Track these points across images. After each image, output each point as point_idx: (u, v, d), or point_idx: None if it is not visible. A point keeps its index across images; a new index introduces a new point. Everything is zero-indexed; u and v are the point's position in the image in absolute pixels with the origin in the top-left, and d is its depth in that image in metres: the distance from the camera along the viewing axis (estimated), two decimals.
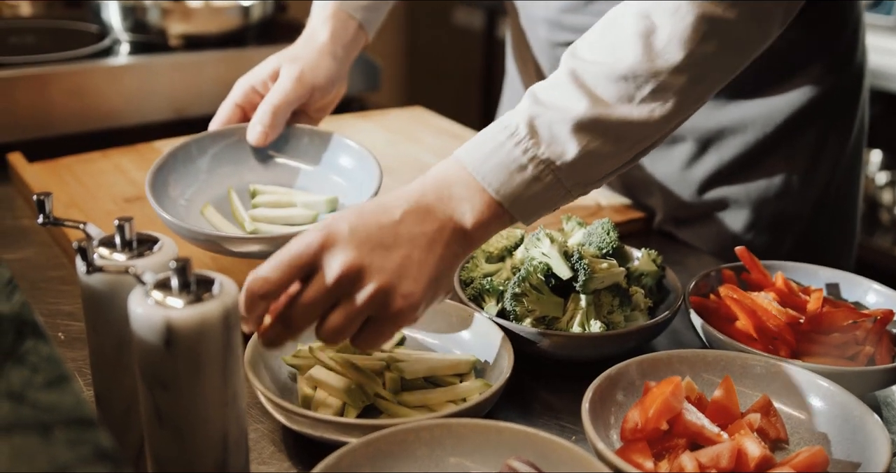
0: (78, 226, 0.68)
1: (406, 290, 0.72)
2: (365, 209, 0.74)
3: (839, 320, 0.85)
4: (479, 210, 0.75)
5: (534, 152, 0.75)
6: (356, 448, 0.66)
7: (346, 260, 0.71)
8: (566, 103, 0.76)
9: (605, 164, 0.78)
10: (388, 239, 0.73)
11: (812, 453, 0.70)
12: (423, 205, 0.75)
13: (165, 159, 0.97)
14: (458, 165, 0.77)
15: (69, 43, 1.49)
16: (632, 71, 0.76)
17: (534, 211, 0.77)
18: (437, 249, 0.74)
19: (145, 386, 0.61)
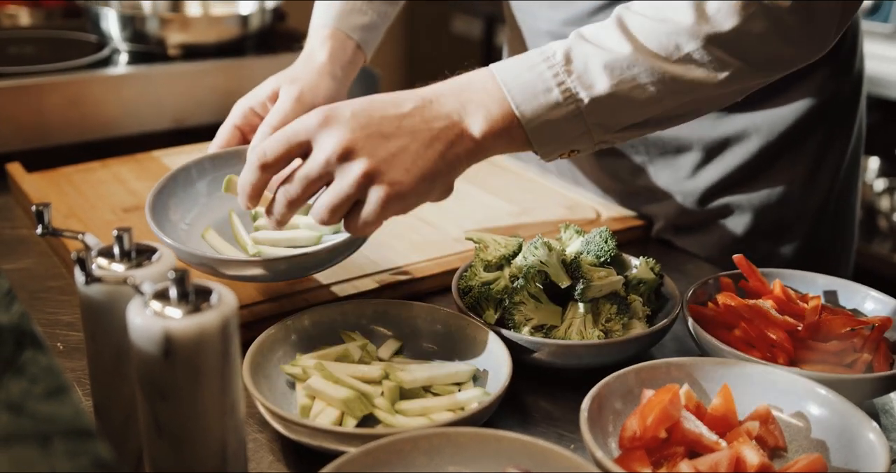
0: (76, 237, 0.68)
1: (394, 178, 0.75)
2: (376, 98, 0.78)
3: (837, 327, 0.86)
4: (494, 118, 0.78)
5: (563, 78, 0.78)
6: (355, 457, 0.66)
7: (340, 139, 0.75)
8: (607, 42, 0.79)
9: (628, 112, 0.80)
10: (388, 128, 0.76)
11: (811, 460, 0.70)
12: (436, 103, 0.78)
13: (165, 182, 0.96)
14: (488, 73, 0.79)
15: (68, 53, 1.49)
16: (678, 29, 0.78)
17: (548, 137, 0.79)
18: (437, 146, 0.76)
19: (144, 397, 0.61)
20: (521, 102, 0.78)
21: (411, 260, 1.04)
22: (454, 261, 1.04)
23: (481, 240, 0.94)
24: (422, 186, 0.77)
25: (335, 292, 0.97)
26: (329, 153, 0.75)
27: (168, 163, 1.29)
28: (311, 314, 0.87)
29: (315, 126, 0.76)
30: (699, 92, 0.81)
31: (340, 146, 0.75)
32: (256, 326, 0.90)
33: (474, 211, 1.18)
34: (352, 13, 1.07)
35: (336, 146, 0.75)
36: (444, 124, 0.77)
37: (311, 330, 0.87)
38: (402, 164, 0.76)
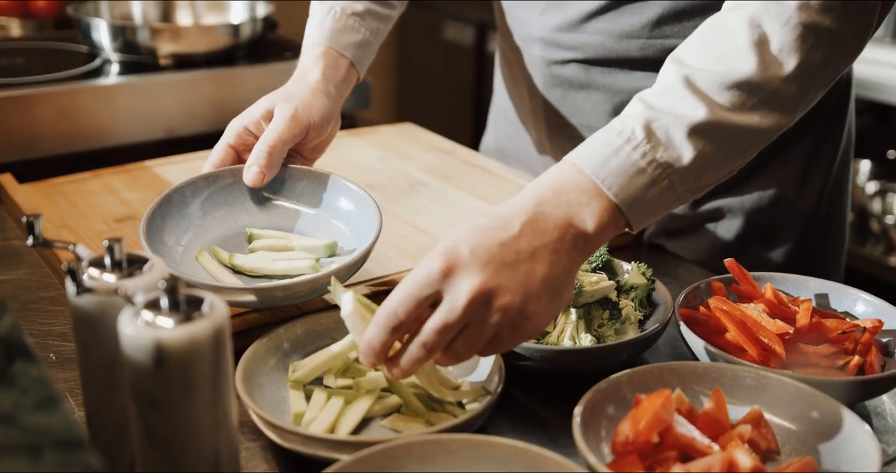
0: (68, 248, 0.68)
1: (532, 309, 0.73)
2: (481, 225, 0.74)
3: (829, 331, 0.86)
4: (599, 214, 0.76)
5: (652, 155, 0.76)
6: (348, 465, 0.67)
7: (473, 285, 0.71)
8: (682, 108, 0.78)
9: (715, 171, 0.80)
10: (510, 256, 0.73)
11: (802, 463, 0.70)
12: (542, 214, 0.75)
13: (160, 203, 0.95)
14: (575, 170, 0.77)
15: (59, 64, 1.50)
16: (746, 79, 0.78)
17: (647, 216, 0.79)
18: (560, 260, 0.74)
19: (136, 406, 0.61)
20: (619, 190, 0.76)
21: (403, 267, 1.04)
22: None
23: None
24: (554, 305, 0.75)
25: (327, 300, 0.97)
26: (468, 300, 0.70)
27: (160, 173, 1.29)
28: (304, 322, 0.87)
29: (440, 275, 0.71)
30: (777, 133, 0.82)
31: (476, 291, 0.71)
32: (249, 335, 0.90)
33: (465, 217, 1.18)
34: (344, 31, 1.08)
35: (472, 292, 0.71)
36: (557, 235, 0.75)
37: (303, 339, 0.87)
38: (535, 291, 0.73)
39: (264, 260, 0.95)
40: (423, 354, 0.73)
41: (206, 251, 0.95)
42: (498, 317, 0.72)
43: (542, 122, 1.27)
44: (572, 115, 1.22)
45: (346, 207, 1.00)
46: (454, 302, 0.71)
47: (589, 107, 1.19)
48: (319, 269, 0.92)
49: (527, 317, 0.73)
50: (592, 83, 1.17)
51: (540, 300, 0.73)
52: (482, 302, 0.71)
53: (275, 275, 0.94)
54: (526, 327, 0.73)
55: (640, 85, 1.14)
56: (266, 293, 0.85)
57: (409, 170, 1.34)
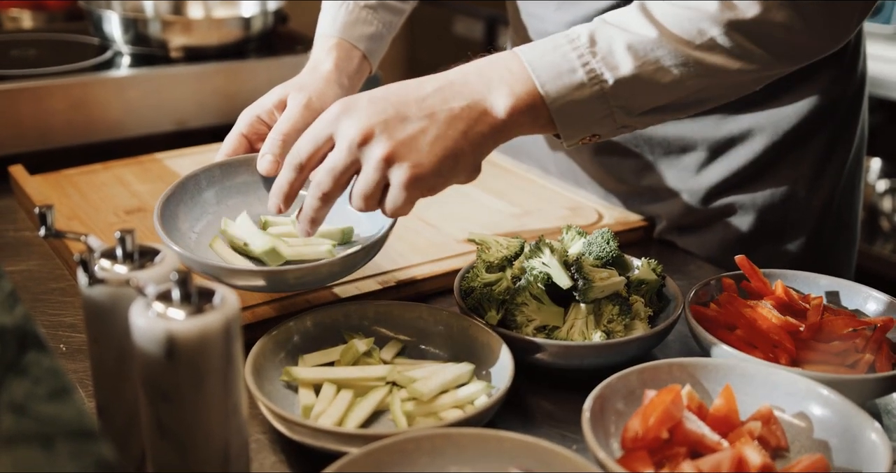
0: (79, 239, 0.68)
1: (414, 160, 0.77)
2: (398, 84, 0.80)
3: (839, 328, 0.86)
4: (518, 96, 0.79)
5: (588, 58, 0.79)
6: (357, 458, 0.67)
7: (358, 126, 0.77)
8: (632, 26, 0.81)
9: (651, 94, 0.82)
10: (407, 111, 0.78)
11: (813, 461, 0.70)
12: (458, 83, 0.79)
13: (174, 190, 0.94)
14: (511, 55, 0.81)
15: (71, 56, 1.50)
16: (702, 16, 0.80)
17: (571, 118, 0.80)
18: (458, 125, 0.78)
19: (147, 398, 0.61)
20: (546, 81, 0.79)
21: (413, 261, 1.04)
22: (456, 263, 1.04)
23: (483, 242, 0.95)
24: (444, 166, 0.78)
25: (337, 293, 0.97)
26: (350, 140, 0.77)
27: (170, 165, 1.30)
28: (314, 315, 0.87)
29: (334, 117, 0.78)
30: (720, 77, 0.83)
31: (359, 132, 0.77)
32: (259, 327, 0.90)
33: (476, 212, 1.18)
34: (357, 23, 1.07)
35: (355, 133, 0.77)
36: (465, 103, 0.78)
37: (313, 332, 0.87)
38: (422, 145, 0.77)
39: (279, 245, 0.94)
40: (318, 195, 0.80)
41: (221, 238, 0.95)
42: (378, 161, 0.77)
43: None
44: None
45: None
46: (341, 142, 0.78)
47: None
48: (335, 255, 0.91)
49: (413, 173, 0.77)
50: None
51: (429, 154, 0.77)
52: (363, 141, 0.77)
53: (290, 261, 0.93)
54: (410, 178, 0.77)
55: None
56: (277, 276, 0.84)
57: None
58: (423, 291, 1.01)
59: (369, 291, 0.98)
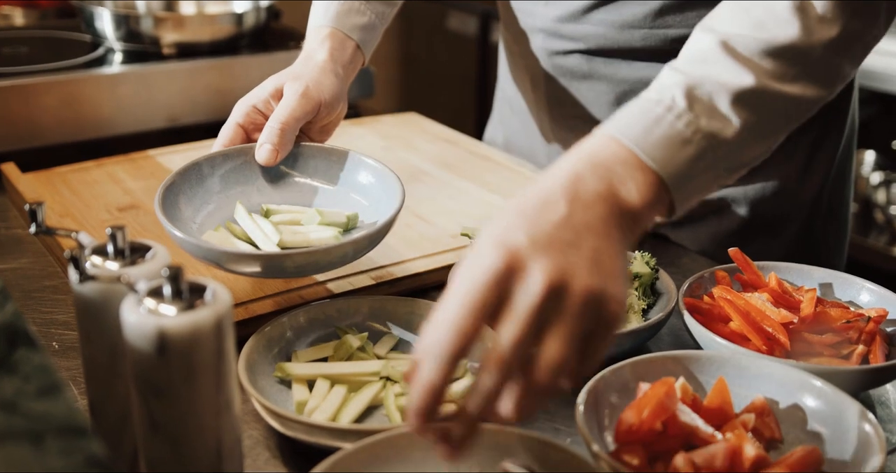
0: (70, 235, 0.68)
1: (613, 289, 0.61)
2: (523, 208, 0.64)
3: (833, 320, 0.86)
4: (644, 189, 0.68)
5: (696, 124, 0.70)
6: (350, 453, 0.66)
7: (546, 271, 0.59)
8: (724, 75, 0.73)
9: (757, 145, 0.75)
10: (569, 234, 0.62)
11: (807, 452, 0.70)
12: (584, 189, 0.66)
13: (174, 178, 0.93)
14: (613, 142, 0.69)
15: (62, 53, 1.49)
16: (789, 46, 0.74)
17: (691, 193, 0.71)
18: (614, 234, 0.65)
19: (139, 394, 0.61)
20: (665, 164, 0.69)
21: (407, 256, 1.04)
22: (450, 257, 1.04)
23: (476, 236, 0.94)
24: (624, 283, 0.64)
25: (331, 289, 0.96)
26: (544, 289, 0.59)
27: (163, 162, 1.29)
28: (307, 311, 0.87)
29: (504, 271, 0.59)
30: (816, 107, 0.77)
31: (551, 276, 0.59)
32: (252, 323, 0.90)
33: (470, 207, 1.18)
34: (350, 13, 1.07)
35: (547, 278, 0.59)
36: (607, 209, 0.65)
37: (306, 327, 0.87)
38: (606, 268, 0.62)
39: (284, 232, 0.93)
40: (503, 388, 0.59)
41: (223, 227, 0.94)
42: (580, 305, 0.59)
43: (545, 113, 1.27)
44: (575, 106, 1.21)
45: (366, 181, 0.99)
46: (529, 299, 0.58)
47: (592, 97, 1.19)
48: (341, 240, 0.90)
49: (610, 300, 0.61)
50: (595, 73, 1.16)
51: (616, 278, 0.62)
52: (561, 289, 0.59)
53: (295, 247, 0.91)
54: (613, 313, 0.61)
55: (643, 74, 1.13)
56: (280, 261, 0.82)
57: (413, 159, 1.34)
58: (417, 286, 1.01)
59: (363, 286, 0.97)
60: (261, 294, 0.95)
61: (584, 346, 0.60)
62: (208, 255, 0.83)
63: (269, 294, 0.95)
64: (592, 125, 1.24)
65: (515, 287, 0.59)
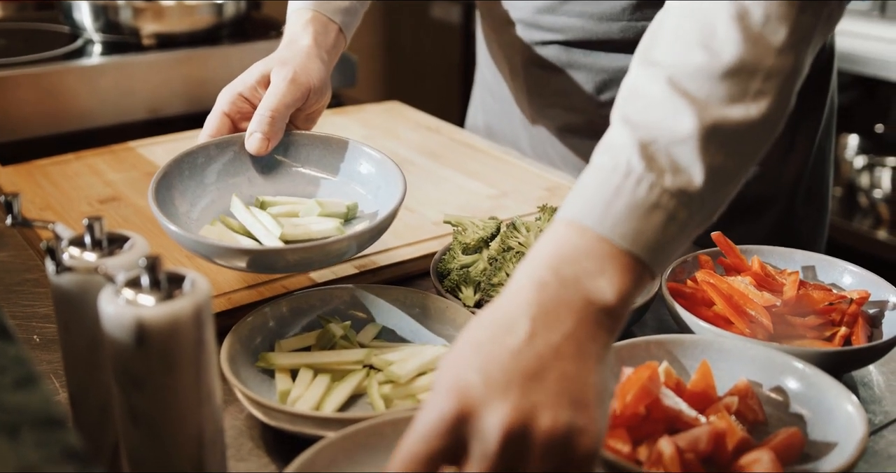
0: (47, 226, 0.67)
1: (583, 421, 0.56)
2: (478, 339, 0.58)
3: (815, 302, 0.86)
4: (618, 278, 0.60)
5: (661, 186, 0.62)
6: (334, 442, 0.66)
7: (503, 417, 0.54)
8: (674, 120, 0.64)
9: (728, 185, 0.67)
10: (531, 364, 0.56)
11: (789, 434, 0.70)
12: (550, 301, 0.59)
13: (168, 169, 0.89)
14: (573, 230, 0.62)
15: (41, 44, 1.48)
16: (737, 62, 0.65)
17: (668, 259, 0.64)
18: (589, 350, 0.58)
19: (118, 386, 0.60)
20: (636, 239, 0.61)
21: (390, 244, 1.04)
22: (433, 246, 1.04)
23: (459, 223, 0.94)
24: (602, 408, 0.58)
25: (313, 278, 0.96)
26: (502, 438, 0.54)
27: (144, 153, 1.28)
28: (290, 300, 0.87)
29: (454, 419, 0.55)
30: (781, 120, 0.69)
31: (509, 424, 0.54)
32: (235, 314, 0.89)
33: (453, 194, 1.18)
34: None
35: (504, 428, 0.54)
36: (576, 320, 0.58)
37: (289, 317, 0.86)
38: (576, 397, 0.56)
39: (285, 225, 0.90)
40: None
41: (219, 221, 0.91)
42: (545, 448, 0.55)
43: (525, 101, 1.27)
44: (555, 94, 1.21)
45: (366, 171, 0.96)
46: (485, 447, 0.54)
47: (570, 87, 1.18)
48: (344, 232, 0.89)
49: (581, 434, 0.55)
50: (574, 63, 1.16)
51: (586, 407, 0.56)
52: (520, 434, 0.54)
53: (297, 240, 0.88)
54: (585, 448, 0.55)
55: (622, 64, 1.13)
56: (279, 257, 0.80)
57: (396, 148, 1.33)
58: (400, 274, 1.01)
59: (346, 275, 0.97)
60: (243, 284, 0.94)
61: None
62: (210, 252, 0.81)
63: (251, 284, 0.94)
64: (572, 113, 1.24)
65: (470, 434, 0.55)
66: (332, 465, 0.66)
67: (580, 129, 1.22)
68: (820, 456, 0.70)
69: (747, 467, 0.68)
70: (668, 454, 0.67)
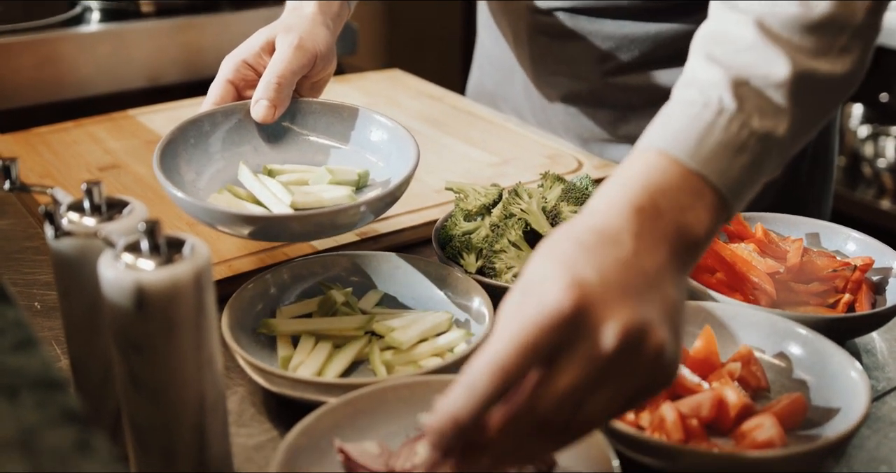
0: (45, 191, 0.66)
1: (678, 347, 0.56)
2: (585, 240, 0.56)
3: (819, 269, 0.85)
4: (706, 216, 0.60)
5: (750, 127, 0.62)
6: (336, 407, 0.66)
7: (622, 323, 0.53)
8: (768, 65, 0.64)
9: (805, 134, 0.68)
10: (639, 280, 0.55)
11: (792, 400, 0.70)
12: (646, 228, 0.58)
13: (174, 135, 0.87)
14: (666, 161, 0.61)
15: (39, 11, 1.47)
16: (828, 16, 0.66)
17: (742, 204, 0.64)
18: (679, 282, 0.58)
19: (119, 351, 0.60)
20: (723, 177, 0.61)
21: (391, 211, 1.02)
22: (434, 213, 1.03)
23: (461, 190, 0.94)
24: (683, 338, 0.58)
25: (314, 245, 0.96)
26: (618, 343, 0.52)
27: (144, 121, 1.27)
28: (291, 267, 0.86)
29: (573, 314, 0.52)
30: (860, 76, 0.70)
31: (629, 330, 0.53)
32: (236, 281, 0.89)
33: (455, 162, 1.17)
34: None
35: (623, 332, 0.53)
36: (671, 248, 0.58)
37: (291, 284, 0.86)
38: (677, 322, 0.56)
39: (295, 193, 0.88)
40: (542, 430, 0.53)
41: (226, 190, 0.89)
42: (650, 365, 0.54)
43: (529, 69, 1.25)
44: (559, 62, 1.20)
45: (377, 138, 0.94)
46: (598, 348, 0.52)
47: (576, 54, 1.17)
48: (356, 200, 0.87)
49: (673, 361, 0.55)
50: (579, 31, 1.15)
51: (680, 337, 0.56)
52: (636, 342, 0.53)
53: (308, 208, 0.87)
54: (669, 376, 0.56)
55: (627, 31, 1.12)
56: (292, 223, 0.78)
57: (398, 116, 1.32)
58: (402, 242, 1.00)
59: (347, 242, 0.97)
60: (244, 251, 0.94)
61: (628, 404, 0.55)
62: (221, 220, 0.79)
63: (252, 251, 0.94)
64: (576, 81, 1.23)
65: (580, 333, 0.53)
66: (334, 430, 0.65)
67: (584, 97, 1.21)
68: (823, 422, 0.70)
69: (750, 433, 0.67)
70: (671, 420, 0.67)
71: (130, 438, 0.62)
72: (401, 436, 0.67)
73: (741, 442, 0.68)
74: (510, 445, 0.53)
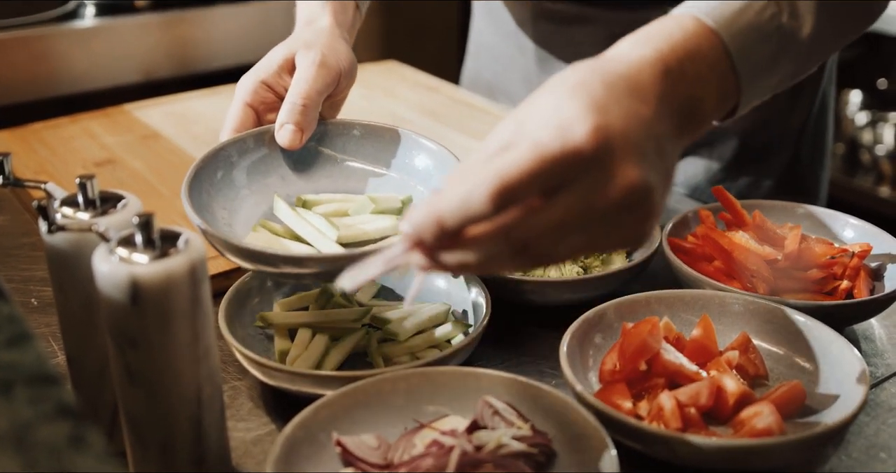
0: (39, 186, 0.66)
1: (657, 219, 0.58)
2: (615, 85, 0.56)
3: (817, 256, 0.85)
4: (715, 94, 0.62)
5: (779, 20, 0.64)
6: (333, 400, 0.66)
7: (637, 174, 0.54)
8: None
9: (817, 59, 0.70)
10: (652, 145, 0.56)
11: (791, 387, 0.70)
12: (669, 89, 0.59)
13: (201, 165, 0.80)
14: (703, 30, 0.62)
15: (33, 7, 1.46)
16: None
17: (753, 98, 0.66)
18: (680, 148, 0.60)
19: (114, 345, 0.60)
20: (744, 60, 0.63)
21: None
22: None
23: None
24: None
25: None
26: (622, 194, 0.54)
27: (139, 116, 1.27)
28: None
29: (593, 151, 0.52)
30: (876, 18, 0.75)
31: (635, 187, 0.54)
32: (233, 275, 0.89)
33: None
34: None
35: (630, 187, 0.54)
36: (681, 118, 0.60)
37: None
38: (669, 187, 0.59)
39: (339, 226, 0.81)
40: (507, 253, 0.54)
41: (260, 227, 0.82)
42: (636, 225, 0.56)
43: (532, 58, 1.25)
44: (564, 47, 1.19)
45: (421, 164, 0.86)
46: (604, 195, 0.53)
47: (583, 37, 1.16)
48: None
49: (652, 228, 0.58)
50: (586, 16, 1.14)
51: (662, 209, 0.58)
52: (641, 196, 0.54)
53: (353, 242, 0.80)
54: (644, 238, 0.58)
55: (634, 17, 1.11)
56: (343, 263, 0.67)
57: (395, 108, 1.32)
58: None
59: None
60: None
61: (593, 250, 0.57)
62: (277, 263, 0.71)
63: None
64: None
65: (592, 178, 0.53)
66: (332, 423, 0.65)
67: None
68: (821, 409, 0.70)
69: (749, 420, 0.67)
70: (669, 408, 0.67)
71: (127, 432, 0.62)
72: (398, 429, 0.67)
73: (740, 430, 0.67)
74: (475, 256, 0.54)
